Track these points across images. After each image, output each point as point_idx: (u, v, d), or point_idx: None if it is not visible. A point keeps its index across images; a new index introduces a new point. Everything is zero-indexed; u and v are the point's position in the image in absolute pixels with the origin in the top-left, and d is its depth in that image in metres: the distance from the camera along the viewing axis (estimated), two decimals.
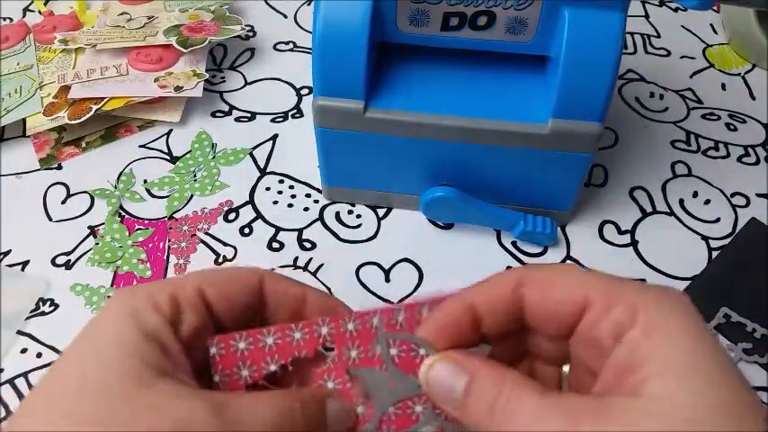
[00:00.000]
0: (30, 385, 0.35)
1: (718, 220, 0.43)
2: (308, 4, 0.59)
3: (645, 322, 0.20)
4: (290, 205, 0.44)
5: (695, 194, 0.45)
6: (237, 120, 0.49)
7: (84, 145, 0.47)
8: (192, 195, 0.44)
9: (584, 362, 0.23)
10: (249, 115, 0.49)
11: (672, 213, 0.44)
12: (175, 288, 0.23)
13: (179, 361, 0.21)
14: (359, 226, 0.43)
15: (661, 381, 0.18)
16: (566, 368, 0.25)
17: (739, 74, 0.54)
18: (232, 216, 0.43)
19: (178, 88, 0.47)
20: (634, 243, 0.42)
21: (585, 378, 0.23)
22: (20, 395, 0.35)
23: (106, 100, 0.46)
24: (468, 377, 0.21)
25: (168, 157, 0.46)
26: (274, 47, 0.55)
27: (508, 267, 0.40)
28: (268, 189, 0.44)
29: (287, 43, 0.55)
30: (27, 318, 0.38)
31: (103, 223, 0.42)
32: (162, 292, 0.22)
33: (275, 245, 0.41)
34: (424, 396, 0.23)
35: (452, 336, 0.23)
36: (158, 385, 0.20)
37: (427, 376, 0.23)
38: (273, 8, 0.59)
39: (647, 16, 0.59)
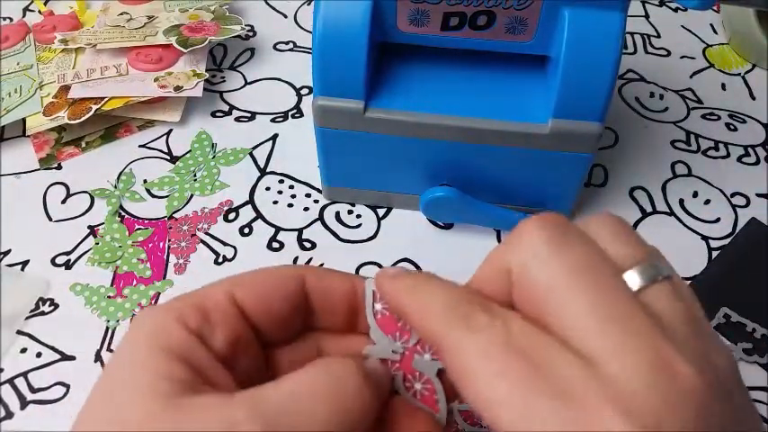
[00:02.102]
0: (30, 385, 0.35)
1: (718, 220, 0.43)
2: (308, 4, 0.59)
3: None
4: (290, 205, 0.44)
5: (695, 194, 0.45)
6: (237, 120, 0.49)
7: (84, 145, 0.47)
8: (191, 195, 0.44)
9: None
10: (249, 115, 0.49)
11: (672, 213, 0.44)
12: (202, 298, 0.21)
13: (215, 374, 0.20)
14: (359, 226, 0.43)
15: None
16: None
17: (739, 74, 0.54)
18: (232, 216, 0.43)
19: (178, 88, 0.47)
20: None
21: None
22: (20, 395, 0.35)
23: (106, 100, 0.46)
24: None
25: (168, 157, 0.46)
26: (274, 47, 0.55)
27: None
28: (268, 189, 0.44)
29: (287, 43, 0.55)
30: (27, 318, 0.38)
31: (103, 223, 0.42)
32: (187, 303, 0.21)
33: (275, 245, 0.41)
34: (398, 363, 0.22)
35: None
36: (188, 403, 0.18)
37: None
38: (273, 8, 0.59)
39: (647, 16, 0.59)
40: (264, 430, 0.17)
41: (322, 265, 0.40)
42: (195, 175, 0.45)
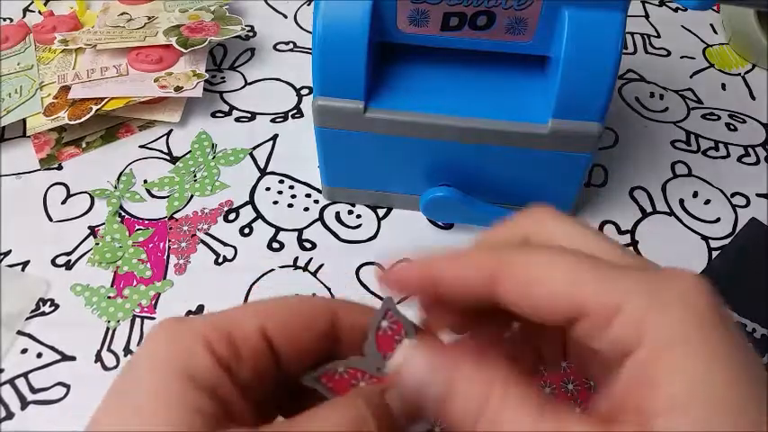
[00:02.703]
0: (30, 386, 0.35)
1: (718, 220, 0.43)
2: (308, 4, 0.59)
3: (652, 342, 0.17)
4: (290, 205, 0.44)
5: (695, 194, 0.45)
6: (237, 120, 0.49)
7: (84, 145, 0.47)
8: (192, 195, 0.44)
9: (577, 355, 0.21)
10: (249, 115, 0.49)
11: (672, 213, 0.44)
12: (233, 326, 0.20)
13: (236, 408, 0.19)
14: (359, 226, 0.43)
15: (672, 419, 0.16)
16: None
17: (739, 74, 0.54)
18: (232, 216, 0.43)
19: (178, 88, 0.47)
20: (634, 243, 0.42)
21: (578, 363, 0.22)
22: (20, 395, 0.35)
23: (106, 100, 0.46)
24: (448, 375, 0.18)
25: (168, 158, 0.46)
26: (274, 47, 0.55)
27: None
28: (268, 189, 0.44)
29: (287, 43, 0.55)
30: (27, 318, 0.38)
31: (103, 223, 0.42)
32: (216, 330, 0.19)
33: (275, 245, 0.41)
34: (375, 379, 0.21)
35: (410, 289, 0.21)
36: None
37: (402, 366, 0.19)
38: (273, 8, 0.59)
39: (647, 16, 0.59)
40: None
41: (322, 266, 0.40)
42: (195, 176, 0.45)
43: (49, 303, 0.38)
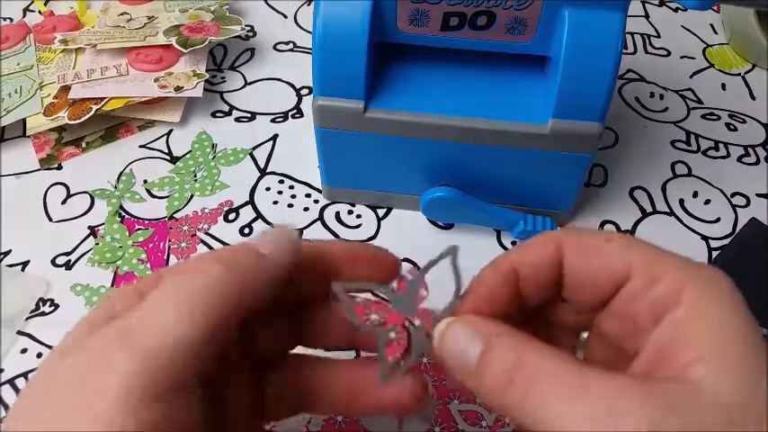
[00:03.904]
0: None
1: (718, 220, 0.43)
2: (308, 4, 0.59)
3: (690, 302, 0.19)
4: (290, 205, 0.44)
5: (695, 194, 0.45)
6: (237, 120, 0.49)
7: (84, 145, 0.47)
8: (192, 195, 0.44)
9: (608, 334, 0.22)
10: (249, 115, 0.49)
11: (672, 213, 0.44)
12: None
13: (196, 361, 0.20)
14: (359, 226, 0.43)
15: (708, 366, 0.17)
16: (584, 335, 0.24)
17: (739, 74, 0.54)
18: (232, 216, 0.43)
19: (178, 88, 0.47)
20: None
21: (604, 350, 0.22)
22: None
23: (106, 100, 0.46)
24: (484, 340, 0.20)
25: (168, 158, 0.46)
26: (274, 47, 0.55)
27: None
28: (268, 189, 0.45)
29: (287, 43, 0.55)
30: (27, 318, 0.38)
31: (103, 223, 0.42)
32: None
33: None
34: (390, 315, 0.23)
35: (493, 307, 0.22)
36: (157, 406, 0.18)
37: (441, 338, 0.21)
38: (273, 8, 0.59)
39: (647, 16, 0.59)
40: None
41: None
42: (195, 176, 0.45)
43: (48, 303, 0.38)
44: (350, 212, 0.43)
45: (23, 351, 0.36)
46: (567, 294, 0.22)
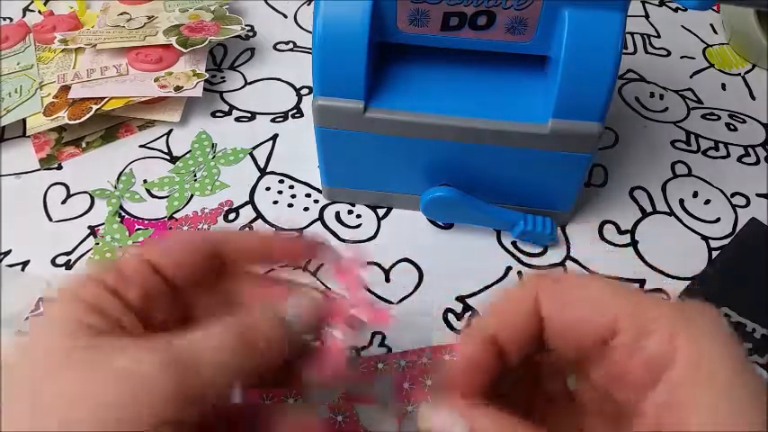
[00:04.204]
0: None
1: (718, 220, 0.43)
2: (308, 4, 0.59)
3: (685, 359, 0.19)
4: (290, 205, 0.44)
5: (695, 194, 0.45)
6: (237, 120, 0.49)
7: (84, 145, 0.47)
8: (191, 195, 0.44)
9: (597, 382, 0.22)
10: (249, 115, 0.49)
11: (672, 213, 0.44)
12: (120, 262, 0.24)
13: (127, 324, 0.22)
14: (359, 226, 0.43)
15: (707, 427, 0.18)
16: (570, 381, 0.24)
17: (739, 74, 0.54)
18: (232, 216, 0.43)
19: (178, 88, 0.47)
20: (634, 243, 0.42)
21: (591, 392, 0.22)
22: None
23: (106, 100, 0.46)
24: (469, 422, 0.20)
25: (168, 157, 0.46)
26: (274, 47, 0.55)
27: (508, 268, 0.40)
28: (268, 189, 0.44)
29: (287, 43, 0.55)
30: (27, 318, 0.38)
31: (103, 223, 0.42)
32: (105, 268, 0.24)
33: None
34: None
35: (478, 378, 0.22)
36: (98, 344, 0.20)
37: (426, 418, 0.21)
38: (273, 8, 0.59)
39: (647, 16, 0.59)
40: (170, 370, 0.19)
41: (322, 265, 0.40)
42: (195, 176, 0.45)
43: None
44: (350, 212, 0.43)
45: None
46: (552, 345, 0.22)
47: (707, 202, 0.44)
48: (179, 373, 0.20)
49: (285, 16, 0.58)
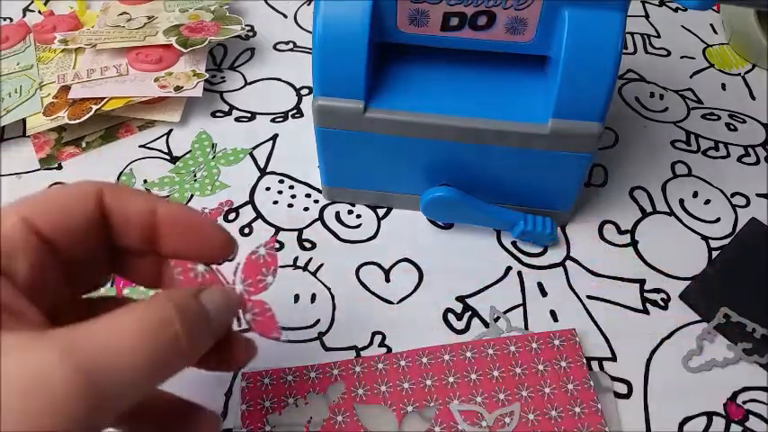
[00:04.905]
0: None
1: (718, 220, 0.43)
2: (308, 4, 0.59)
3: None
4: (290, 205, 0.44)
5: (695, 194, 0.45)
6: (237, 120, 0.49)
7: (84, 145, 0.47)
8: (191, 195, 0.44)
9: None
10: (249, 115, 0.49)
11: (672, 213, 0.44)
12: None
13: (19, 307, 0.19)
14: (359, 226, 0.43)
15: None
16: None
17: (739, 74, 0.54)
18: (232, 216, 0.43)
19: (178, 88, 0.47)
20: (634, 243, 0.42)
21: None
22: None
23: (106, 100, 0.46)
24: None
25: (168, 157, 0.46)
26: (274, 47, 0.55)
27: (508, 268, 0.40)
28: (268, 189, 0.45)
29: (287, 43, 0.55)
30: None
31: None
32: None
33: (275, 245, 0.41)
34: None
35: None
36: None
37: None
38: (273, 8, 0.59)
39: (647, 16, 0.59)
40: (77, 373, 0.16)
41: (322, 265, 0.40)
42: (195, 176, 0.45)
43: None
44: (350, 212, 0.43)
45: None
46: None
47: (707, 202, 0.44)
48: (84, 377, 0.17)
49: (285, 16, 0.58)
